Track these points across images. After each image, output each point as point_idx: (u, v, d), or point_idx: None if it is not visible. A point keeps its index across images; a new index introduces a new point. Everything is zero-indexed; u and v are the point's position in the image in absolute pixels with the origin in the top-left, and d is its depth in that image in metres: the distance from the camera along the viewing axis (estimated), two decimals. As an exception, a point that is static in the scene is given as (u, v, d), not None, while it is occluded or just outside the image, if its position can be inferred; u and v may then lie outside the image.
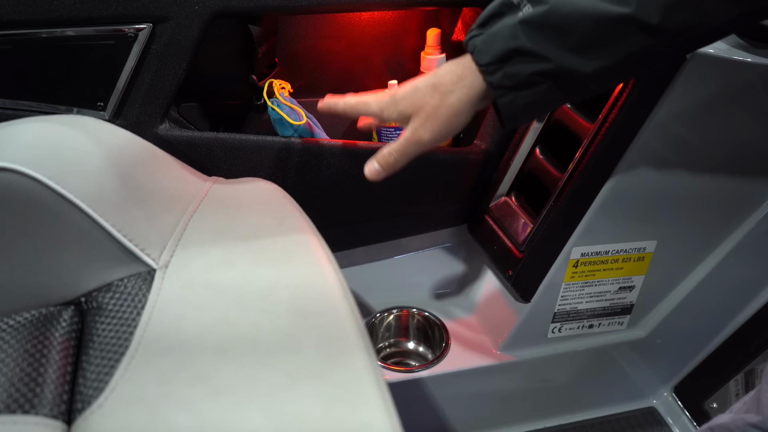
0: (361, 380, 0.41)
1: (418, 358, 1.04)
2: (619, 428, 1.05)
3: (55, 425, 0.41)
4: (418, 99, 0.62)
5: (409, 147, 0.64)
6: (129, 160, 0.61)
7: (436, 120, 0.62)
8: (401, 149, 0.64)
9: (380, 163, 0.66)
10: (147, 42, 0.71)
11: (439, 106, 0.61)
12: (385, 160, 0.66)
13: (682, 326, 0.98)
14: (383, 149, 0.66)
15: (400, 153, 0.65)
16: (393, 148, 0.65)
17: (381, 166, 0.66)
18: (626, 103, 0.72)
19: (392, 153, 0.65)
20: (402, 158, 0.65)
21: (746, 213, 0.87)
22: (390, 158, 0.65)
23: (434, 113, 0.61)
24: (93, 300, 0.52)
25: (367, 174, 0.67)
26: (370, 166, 0.67)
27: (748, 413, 0.61)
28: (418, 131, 0.63)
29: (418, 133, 0.63)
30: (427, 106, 0.61)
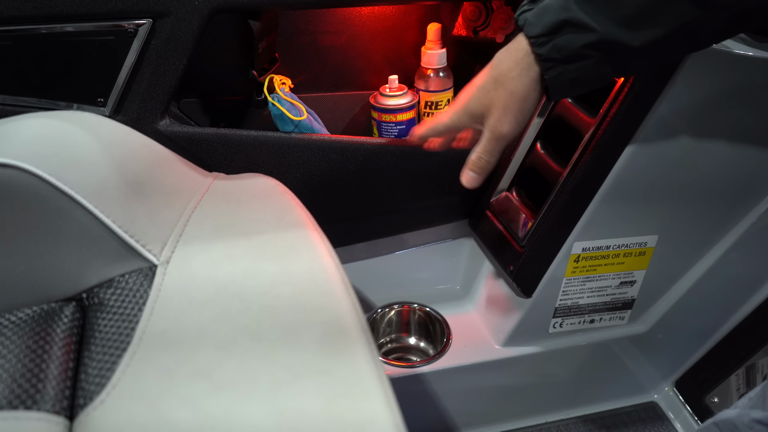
0: (363, 375, 0.41)
1: (420, 353, 1.04)
2: (620, 423, 1.05)
3: (57, 421, 0.41)
4: (484, 97, 0.63)
5: (494, 145, 0.66)
6: (129, 156, 0.61)
7: (509, 111, 0.63)
8: (488, 149, 0.66)
9: (474, 170, 0.68)
10: (147, 37, 0.71)
11: (506, 97, 0.62)
12: (478, 165, 0.68)
13: (683, 321, 0.98)
14: (471, 156, 0.68)
15: (488, 153, 0.66)
16: (480, 151, 0.66)
17: (476, 172, 0.68)
18: (627, 98, 0.72)
19: (481, 157, 0.67)
20: (492, 158, 0.67)
21: (747, 207, 0.87)
22: (481, 162, 0.67)
23: (505, 106, 0.62)
24: (94, 296, 0.52)
25: (466, 184, 0.70)
26: (466, 175, 0.69)
27: (753, 409, 0.61)
28: (497, 128, 0.64)
29: (498, 130, 0.64)
30: (495, 101, 0.62)
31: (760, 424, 0.59)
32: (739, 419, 0.61)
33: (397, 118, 0.93)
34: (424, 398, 0.95)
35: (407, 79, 0.97)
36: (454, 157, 0.91)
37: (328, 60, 0.95)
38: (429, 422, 0.99)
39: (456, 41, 0.98)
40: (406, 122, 0.93)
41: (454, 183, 0.94)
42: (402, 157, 0.89)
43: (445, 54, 0.92)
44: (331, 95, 0.97)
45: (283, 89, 0.84)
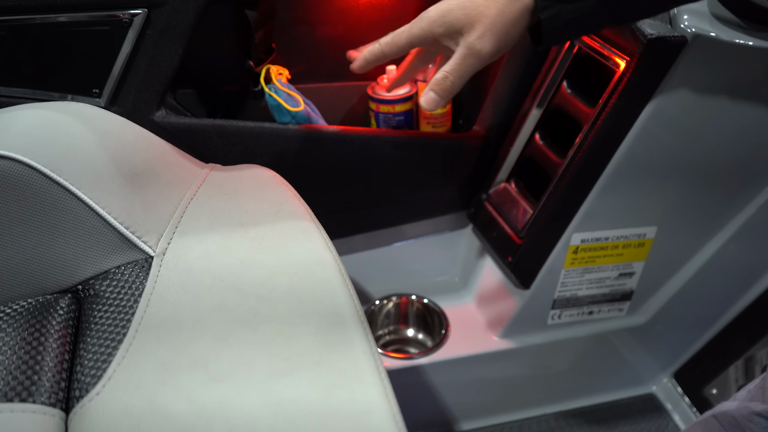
0: (360, 366, 0.41)
1: (418, 345, 1.04)
2: (619, 414, 1.05)
3: (52, 413, 0.41)
4: (470, 9, 0.57)
5: (466, 64, 0.58)
6: (125, 147, 0.61)
7: (494, 30, 0.57)
8: (459, 70, 0.58)
9: (436, 90, 0.60)
10: (142, 27, 0.70)
11: (495, 15, 0.56)
12: (443, 87, 0.60)
13: (682, 312, 0.98)
14: (436, 75, 0.59)
15: (456, 74, 0.59)
16: (448, 70, 0.59)
17: (437, 93, 0.60)
18: (626, 89, 0.72)
19: (447, 76, 0.59)
20: (459, 79, 0.59)
21: (747, 198, 0.86)
22: (446, 82, 0.59)
23: (492, 23, 0.56)
24: (90, 288, 0.52)
25: (423, 104, 0.61)
26: (426, 96, 0.60)
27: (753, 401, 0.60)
28: (476, 45, 0.57)
29: (476, 47, 0.57)
30: (482, 16, 0.56)
31: (759, 416, 0.59)
32: (739, 412, 0.61)
33: (395, 109, 0.92)
34: (422, 390, 0.95)
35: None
36: (453, 149, 0.91)
37: (325, 50, 0.95)
38: (427, 414, 0.99)
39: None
40: (404, 113, 0.93)
41: (453, 174, 0.94)
42: (400, 148, 0.89)
43: (443, 44, 0.92)
44: (329, 86, 0.97)
45: (280, 80, 0.83)
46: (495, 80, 0.91)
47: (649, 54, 0.68)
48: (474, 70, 0.59)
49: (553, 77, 0.84)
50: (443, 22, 0.58)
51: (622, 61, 0.72)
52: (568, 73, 0.83)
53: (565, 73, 0.83)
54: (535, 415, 1.04)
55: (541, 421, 1.04)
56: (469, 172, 0.95)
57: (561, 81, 0.84)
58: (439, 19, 0.58)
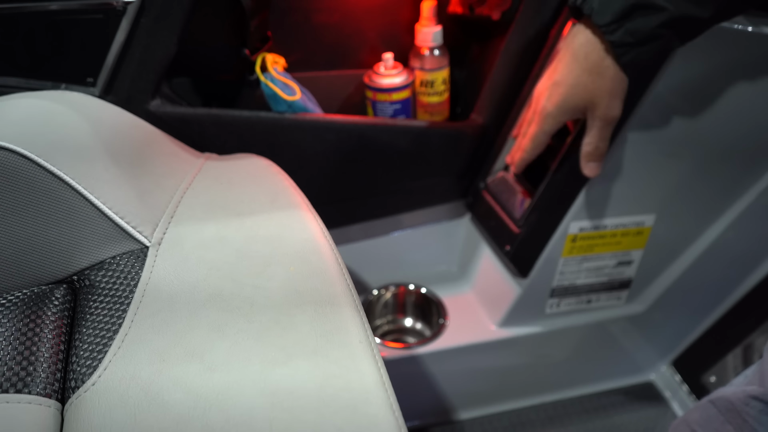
0: (357, 355, 0.41)
1: (416, 334, 1.04)
2: (618, 403, 1.05)
3: (48, 404, 0.41)
4: (584, 92, 0.64)
5: (607, 131, 0.68)
6: (120, 136, 0.60)
7: (616, 96, 0.64)
8: (603, 136, 0.68)
9: (594, 159, 0.70)
10: (136, 15, 0.70)
11: (611, 84, 0.63)
12: (597, 154, 0.70)
13: (680, 300, 0.98)
14: (586, 147, 0.69)
15: (604, 140, 0.69)
16: (595, 140, 0.68)
17: (597, 161, 0.71)
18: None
19: (599, 146, 0.69)
20: (607, 142, 0.69)
21: (745, 186, 0.86)
22: (600, 150, 0.69)
23: (611, 93, 0.64)
24: (85, 278, 0.51)
25: (590, 174, 0.72)
26: (588, 168, 0.71)
27: (749, 386, 0.61)
28: (608, 114, 0.66)
29: (610, 116, 0.66)
30: (599, 91, 0.64)
31: (756, 399, 0.59)
32: (735, 396, 0.61)
33: (392, 97, 0.92)
34: (420, 379, 0.95)
35: (402, 57, 0.96)
36: (451, 138, 0.91)
37: (321, 38, 0.94)
38: (425, 403, 0.99)
39: (451, 18, 0.97)
40: (401, 102, 0.92)
41: (451, 163, 0.94)
42: (397, 137, 0.88)
43: (440, 32, 0.91)
44: (325, 74, 0.96)
45: (276, 68, 0.83)
46: (493, 68, 0.91)
47: (648, 40, 0.68)
48: (612, 130, 0.68)
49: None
50: (565, 111, 0.67)
51: (621, 48, 0.72)
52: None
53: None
54: (533, 403, 1.04)
55: (540, 409, 1.04)
56: (467, 161, 0.95)
57: (559, 68, 0.83)
58: (559, 113, 0.67)
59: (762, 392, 0.58)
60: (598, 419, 1.02)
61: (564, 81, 0.65)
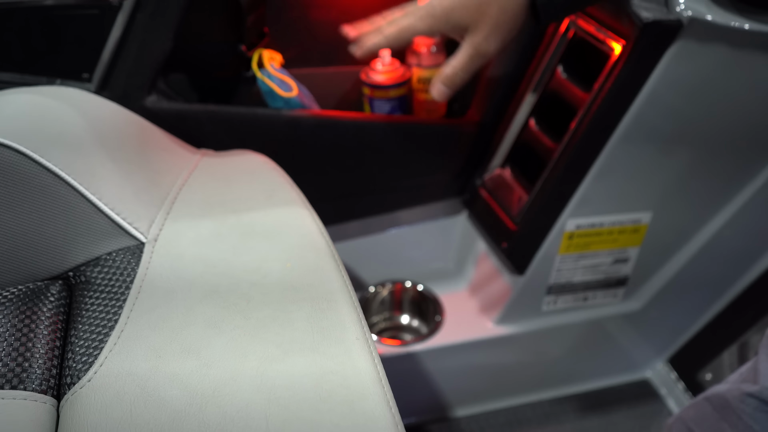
0: (353, 352, 0.41)
1: (413, 331, 1.04)
2: (614, 400, 1.05)
3: (44, 400, 0.41)
4: (473, 9, 0.61)
5: (474, 62, 0.64)
6: (116, 132, 0.60)
7: (498, 30, 0.61)
8: (466, 66, 0.64)
9: (447, 84, 0.66)
10: (132, 11, 0.69)
11: (498, 14, 0.60)
12: (453, 81, 0.66)
13: (676, 298, 0.98)
14: (446, 69, 0.65)
15: (464, 70, 0.65)
16: (457, 66, 0.64)
17: (448, 86, 0.66)
18: (621, 73, 0.71)
19: (458, 72, 0.65)
20: (466, 75, 0.65)
21: (741, 184, 0.86)
22: (456, 78, 0.65)
23: (496, 22, 0.61)
24: (81, 274, 0.51)
25: (436, 96, 0.67)
26: (437, 88, 0.67)
27: (744, 382, 0.61)
28: (482, 45, 0.62)
29: (483, 48, 0.62)
30: (486, 16, 0.60)
31: (751, 397, 0.59)
32: (730, 393, 0.61)
33: (389, 94, 0.92)
34: (417, 376, 0.95)
35: (399, 55, 0.96)
36: (448, 135, 0.91)
37: (318, 34, 0.94)
38: (422, 400, 0.99)
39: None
40: (398, 99, 0.92)
41: (448, 160, 0.94)
42: (394, 134, 0.88)
43: (437, 29, 0.91)
44: (322, 71, 0.96)
45: (272, 65, 0.82)
46: (490, 66, 0.91)
47: (645, 38, 0.68)
48: (480, 66, 0.65)
49: (548, 62, 0.84)
50: (448, 20, 0.63)
51: (618, 45, 0.72)
52: (563, 57, 0.82)
53: (560, 57, 0.82)
54: (530, 401, 1.04)
55: (536, 407, 1.04)
56: (464, 158, 0.95)
57: (556, 66, 0.83)
58: (443, 17, 0.63)
59: (757, 389, 0.59)
60: (595, 416, 1.03)
61: None
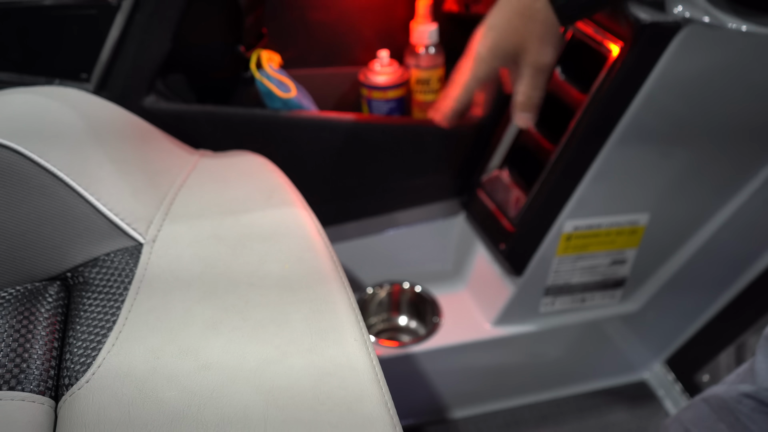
0: (352, 354, 0.41)
1: (410, 333, 1.04)
2: (611, 401, 1.05)
3: (42, 401, 0.41)
4: (514, 35, 0.62)
5: (539, 79, 0.65)
6: (114, 133, 0.60)
7: (546, 42, 0.62)
8: (534, 84, 0.65)
9: (526, 110, 0.67)
10: (131, 11, 0.69)
11: (541, 29, 0.61)
12: (529, 104, 0.67)
13: (674, 299, 0.98)
14: (518, 97, 0.66)
15: (535, 88, 0.66)
16: (527, 89, 0.65)
17: (529, 111, 0.67)
18: (619, 75, 0.71)
19: (531, 96, 0.66)
20: (540, 92, 0.66)
21: (738, 186, 0.86)
22: (532, 100, 0.66)
23: (541, 38, 0.62)
24: (79, 275, 0.51)
25: (521, 125, 0.69)
26: (520, 117, 0.68)
27: (742, 384, 0.61)
28: (539, 60, 0.63)
29: (540, 62, 0.63)
30: (529, 35, 0.61)
31: (748, 397, 0.59)
32: (728, 394, 0.61)
33: (387, 95, 0.92)
34: (414, 378, 0.95)
35: (398, 55, 0.96)
36: (445, 136, 0.91)
37: (317, 35, 0.94)
38: (419, 401, 0.99)
39: (447, 16, 0.97)
40: (396, 100, 0.92)
41: (446, 161, 0.94)
42: (392, 135, 0.88)
43: (436, 30, 0.91)
44: (321, 72, 0.96)
45: (271, 65, 0.82)
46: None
47: (642, 39, 0.68)
48: (546, 78, 0.66)
49: (546, 63, 0.84)
50: (496, 56, 0.64)
51: (615, 47, 0.72)
52: (561, 59, 0.82)
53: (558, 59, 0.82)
54: (527, 402, 1.04)
55: (534, 408, 1.04)
56: (462, 160, 0.95)
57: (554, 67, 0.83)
58: (491, 56, 0.64)
59: (754, 390, 0.59)
60: (592, 418, 1.03)
61: (496, 24, 0.63)
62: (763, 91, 0.75)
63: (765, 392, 0.58)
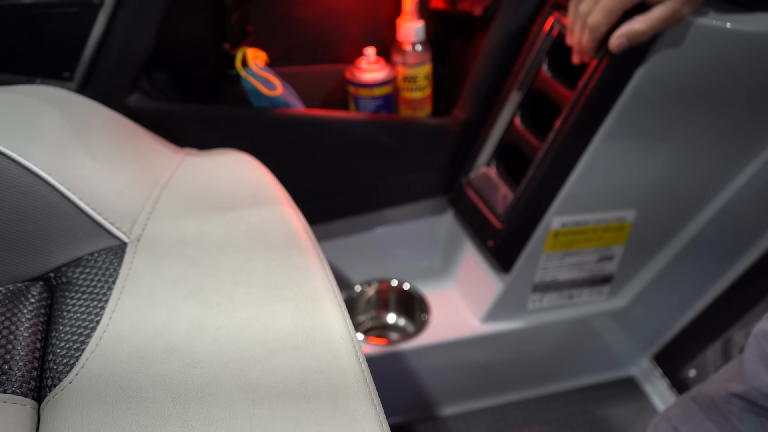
0: (338, 351, 0.41)
1: (399, 330, 1.04)
2: (599, 397, 1.06)
3: (24, 402, 0.40)
4: None
5: (667, 25, 0.62)
6: (97, 131, 0.59)
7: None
8: (658, 27, 0.62)
9: (633, 39, 0.63)
10: (114, 9, 0.69)
11: None
12: (639, 38, 0.63)
13: (661, 295, 0.98)
14: (637, 25, 0.62)
15: (654, 29, 0.62)
16: (651, 25, 0.62)
17: (632, 41, 0.64)
18: (606, 71, 0.71)
19: (647, 32, 0.62)
20: (653, 33, 0.63)
21: (725, 182, 0.87)
22: (644, 36, 0.63)
23: None
24: (62, 275, 0.51)
25: (615, 48, 0.64)
26: (619, 41, 0.64)
27: (730, 382, 0.61)
28: (682, 9, 0.61)
29: (682, 11, 0.61)
30: None
31: (737, 397, 0.59)
32: (716, 393, 0.61)
33: (374, 92, 0.91)
34: (403, 375, 0.95)
35: (384, 53, 0.95)
36: (433, 133, 0.91)
37: (303, 33, 0.93)
38: (409, 399, 0.99)
39: (433, 14, 0.96)
40: (383, 97, 0.92)
41: (433, 159, 0.94)
42: (380, 132, 0.88)
43: (423, 27, 0.91)
44: (307, 69, 0.96)
45: (256, 63, 0.82)
46: (475, 64, 0.91)
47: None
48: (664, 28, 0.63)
49: (533, 61, 0.84)
50: None
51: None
52: (548, 56, 0.82)
53: (544, 56, 0.82)
54: (516, 399, 1.05)
55: (522, 405, 1.04)
56: (450, 157, 0.95)
57: (541, 64, 0.83)
58: None
59: (743, 389, 0.59)
60: (580, 414, 1.03)
61: None
62: (748, 88, 0.76)
63: (754, 392, 0.58)
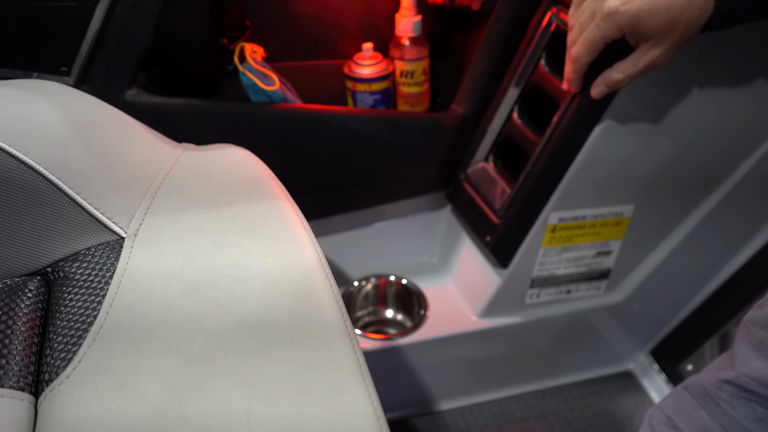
0: (335, 346, 0.41)
1: (397, 325, 1.04)
2: (596, 391, 1.06)
3: (21, 397, 0.40)
4: (664, 22, 0.56)
5: (644, 72, 0.61)
6: (94, 126, 0.59)
7: (678, 45, 0.58)
8: (634, 74, 0.62)
9: (611, 87, 0.64)
10: (111, 3, 0.68)
11: (685, 30, 0.56)
12: (617, 86, 0.64)
13: (658, 290, 0.98)
14: (614, 74, 0.63)
15: (631, 77, 0.62)
16: (625, 72, 0.62)
17: (610, 88, 0.65)
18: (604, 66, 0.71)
19: (624, 79, 0.62)
20: (630, 81, 0.63)
21: (722, 177, 0.87)
22: (622, 84, 0.63)
23: (679, 39, 0.57)
24: (59, 270, 0.51)
25: (596, 96, 0.66)
26: (600, 89, 0.65)
27: (722, 370, 0.61)
28: (659, 60, 0.59)
29: (659, 61, 0.59)
30: (672, 32, 0.57)
31: (728, 383, 0.60)
32: (708, 381, 0.62)
33: (372, 87, 0.91)
34: (401, 370, 0.96)
35: (382, 48, 0.95)
36: (431, 128, 0.91)
37: (301, 28, 0.93)
38: (406, 394, 0.99)
39: (431, 8, 0.96)
40: (381, 92, 0.92)
41: (431, 154, 0.94)
42: (377, 127, 0.88)
43: (420, 22, 0.91)
44: (305, 64, 0.96)
45: (254, 58, 0.82)
46: (473, 59, 0.91)
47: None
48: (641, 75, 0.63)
49: (531, 55, 0.84)
50: (635, 28, 0.58)
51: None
52: (546, 51, 0.82)
53: (542, 51, 0.82)
54: (514, 394, 1.05)
55: (520, 399, 1.04)
56: (447, 152, 0.95)
57: (539, 59, 0.83)
58: (630, 23, 0.58)
59: (734, 376, 0.59)
60: (578, 408, 1.03)
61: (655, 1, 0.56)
62: (743, 87, 0.76)
63: (744, 378, 0.58)
